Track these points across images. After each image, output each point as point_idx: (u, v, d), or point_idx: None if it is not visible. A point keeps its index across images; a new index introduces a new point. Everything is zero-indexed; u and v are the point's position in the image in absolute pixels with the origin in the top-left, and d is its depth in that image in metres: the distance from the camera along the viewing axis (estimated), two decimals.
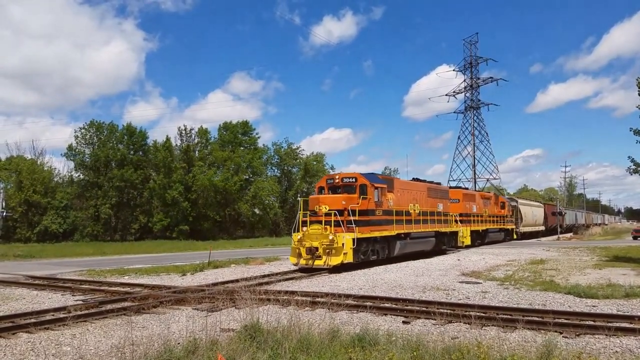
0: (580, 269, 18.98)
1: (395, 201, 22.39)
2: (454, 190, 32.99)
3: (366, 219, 19.90)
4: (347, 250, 18.44)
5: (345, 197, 19.83)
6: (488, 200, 38.55)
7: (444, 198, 28.57)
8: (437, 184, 29.57)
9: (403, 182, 24.87)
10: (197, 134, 69.94)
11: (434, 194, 27.23)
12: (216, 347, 6.72)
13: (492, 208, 38.92)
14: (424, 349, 6.61)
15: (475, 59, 71.78)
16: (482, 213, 36.02)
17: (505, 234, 42.00)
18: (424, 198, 25.79)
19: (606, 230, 68.92)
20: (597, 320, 9.22)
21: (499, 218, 40.39)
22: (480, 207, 35.91)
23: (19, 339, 8.39)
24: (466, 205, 33.02)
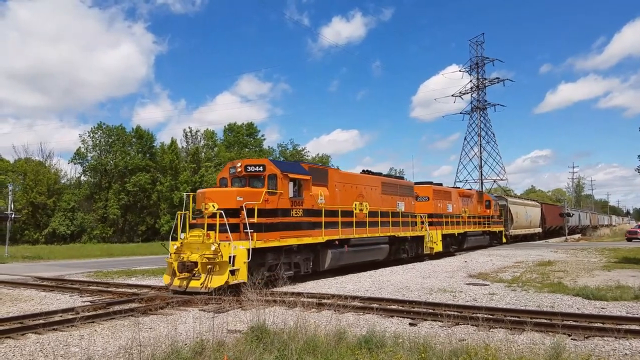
0: (588, 271, 18.86)
1: (329, 198, 17.56)
2: (422, 186, 27.64)
3: (274, 222, 14.74)
4: (239, 265, 13.15)
5: (242, 191, 14.48)
6: (469, 198, 32.85)
7: (406, 195, 23.71)
8: (398, 178, 25.50)
9: (344, 174, 19.72)
10: (203, 136, 70.18)
11: (392, 190, 22.41)
12: (223, 348, 6.74)
13: (474, 207, 33.37)
14: (431, 351, 6.59)
15: (481, 59, 71.53)
16: (461, 213, 30.59)
17: (491, 238, 36.68)
18: (377, 195, 21.00)
19: (615, 232, 68.37)
20: (606, 322, 9.15)
21: (484, 219, 34.79)
22: (458, 206, 30.55)
23: (28, 340, 8.44)
24: (438, 205, 27.64)
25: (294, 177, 15.69)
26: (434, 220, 26.49)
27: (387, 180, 22.84)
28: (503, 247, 37.02)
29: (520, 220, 44.15)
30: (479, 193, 36.09)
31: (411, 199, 24.33)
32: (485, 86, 71.93)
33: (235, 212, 13.87)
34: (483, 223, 34.43)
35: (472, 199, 33.32)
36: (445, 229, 27.44)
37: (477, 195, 35.03)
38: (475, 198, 34.07)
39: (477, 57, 71.59)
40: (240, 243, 13.44)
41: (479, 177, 71.16)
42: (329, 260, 17.19)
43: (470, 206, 32.55)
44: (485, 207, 35.60)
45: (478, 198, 34.82)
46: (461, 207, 31.00)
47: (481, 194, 36.39)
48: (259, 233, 14.06)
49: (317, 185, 17.08)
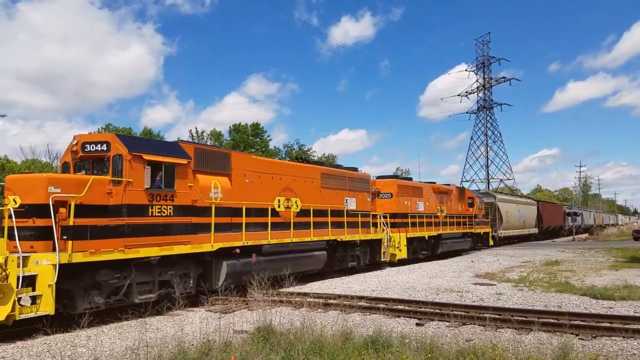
0: (596, 270, 18.76)
1: (232, 192, 13.24)
2: (384, 180, 23.56)
3: (113, 224, 10.21)
4: (42, 289, 8.94)
5: (57, 178, 10.04)
6: (446, 195, 28.19)
7: (359, 190, 19.44)
8: (350, 169, 20.04)
9: (260, 161, 15.51)
10: (209, 137, 70.29)
11: (337, 183, 18.10)
12: (230, 349, 6.75)
13: (453, 206, 28.77)
14: (437, 351, 6.57)
15: (487, 58, 71.38)
16: (436, 213, 26.15)
17: (475, 240, 31.65)
18: (314, 189, 16.77)
19: (622, 231, 67.96)
20: (614, 322, 9.10)
21: (466, 219, 29.99)
22: (433, 204, 26.10)
23: (36, 340, 8.49)
24: (404, 202, 23.19)
25: (153, 159, 11.01)
26: (398, 220, 22.24)
27: (330, 171, 18.31)
28: (510, 247, 36.80)
29: (512, 219, 39.70)
30: (460, 190, 31.19)
31: (366, 194, 20.02)
32: (492, 85, 71.81)
33: (46, 210, 9.28)
34: (464, 224, 29.71)
35: (450, 196, 28.71)
36: (411, 231, 23.00)
37: (458, 192, 30.20)
38: (454, 195, 29.42)
39: (483, 56, 71.51)
40: (45, 256, 9.07)
41: (486, 177, 71.03)
42: (224, 276, 12.60)
43: (448, 204, 28.00)
44: (467, 206, 30.89)
45: (459, 195, 30.12)
46: (436, 205, 26.53)
47: (462, 191, 31.48)
48: (82, 241, 9.53)
49: (210, 174, 12.67)
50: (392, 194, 22.78)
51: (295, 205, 15.75)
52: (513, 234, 40.41)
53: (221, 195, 12.89)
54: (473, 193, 32.76)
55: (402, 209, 22.90)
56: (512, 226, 39.75)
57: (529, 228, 44.79)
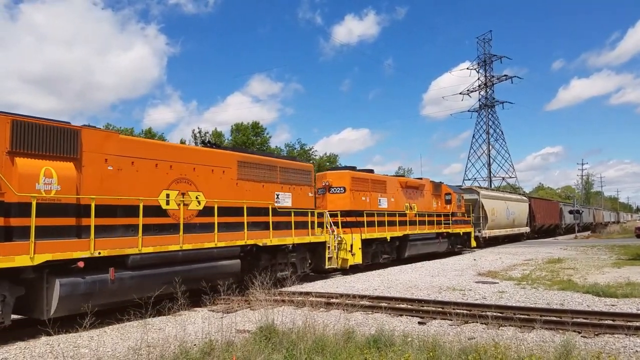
0: (598, 268, 18.72)
1: (78, 182, 9.76)
2: (335, 172, 20.45)
3: None
4: None
5: None
6: (417, 190, 24.67)
7: (295, 184, 15.86)
8: (287, 159, 17.01)
9: (128, 141, 11.62)
10: (211, 137, 70.28)
11: (264, 174, 14.54)
12: (232, 349, 6.75)
13: (425, 202, 25.43)
14: (440, 349, 6.56)
15: (489, 56, 71.31)
16: (404, 210, 22.82)
17: (453, 241, 27.98)
18: (226, 181, 13.26)
19: (624, 228, 67.80)
20: (617, 319, 9.09)
21: (442, 218, 26.24)
22: (400, 200, 22.79)
23: (38, 341, 8.50)
24: (361, 198, 19.94)
25: None
26: (352, 219, 18.98)
27: (252, 159, 14.53)
28: (511, 245, 36.71)
29: (499, 218, 35.96)
30: (435, 184, 27.26)
31: (307, 189, 16.51)
32: (493, 84, 71.75)
33: None
34: (440, 223, 25.94)
35: (422, 191, 25.30)
36: (369, 232, 19.52)
37: (432, 187, 26.56)
38: (427, 190, 25.93)
39: (484, 54, 71.44)
40: None
41: (488, 175, 70.97)
42: (56, 301, 8.93)
43: (419, 201, 24.65)
44: (444, 203, 27.48)
45: (433, 190, 26.56)
46: (404, 201, 23.12)
47: (438, 186, 27.55)
48: None
49: (40, 157, 9.22)
50: (344, 188, 19.33)
51: (195, 201, 12.21)
52: (500, 234, 36.58)
53: (58, 187, 9.24)
54: (451, 188, 28.85)
55: (358, 205, 19.55)
56: (498, 225, 35.93)
57: (519, 227, 41.22)
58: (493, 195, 37.42)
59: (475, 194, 33.66)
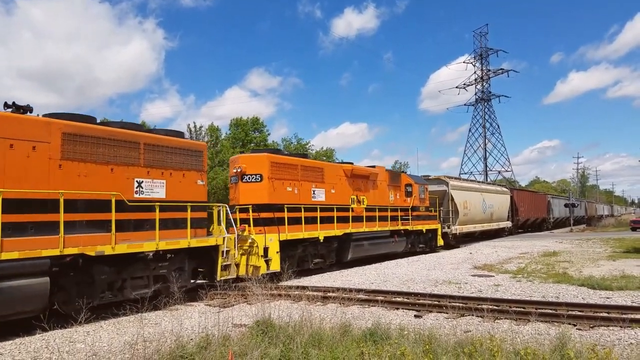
0: (593, 261, 18.81)
1: None
2: (251, 155, 16.45)
3: None
4: None
5: None
6: (367, 180, 20.50)
7: (174, 168, 11.92)
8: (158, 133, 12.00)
9: None
10: (207, 132, 70.03)
11: (107, 154, 10.53)
12: (228, 343, 6.75)
13: (380, 194, 21.29)
14: (436, 342, 6.58)
15: (485, 50, 71.29)
16: (349, 204, 18.79)
17: (413, 240, 23.59)
18: (38, 163, 9.26)
19: (619, 221, 68.13)
20: (612, 312, 9.14)
21: (400, 212, 22.17)
22: (343, 192, 18.75)
23: (34, 337, 8.48)
24: (285, 188, 15.85)
25: None
26: (269, 215, 14.97)
27: (95, 131, 10.37)
28: (508, 239, 36.79)
29: (474, 212, 31.73)
30: (393, 174, 23.40)
31: (195, 175, 12.36)
32: (489, 77, 71.76)
33: None
34: (397, 218, 21.89)
35: (375, 181, 21.10)
36: (291, 231, 15.42)
37: (389, 177, 22.46)
38: (382, 181, 21.73)
39: (481, 48, 71.40)
40: None
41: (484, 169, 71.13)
42: None
43: (371, 192, 20.61)
44: (405, 195, 23.33)
45: (390, 181, 22.43)
46: (350, 193, 19.15)
47: (396, 176, 23.66)
48: None
49: None
50: (261, 175, 15.23)
51: None
52: (475, 230, 32.47)
53: None
54: (413, 178, 24.83)
55: (280, 197, 15.53)
56: (473, 220, 31.74)
57: (498, 221, 36.93)
58: (465, 186, 32.58)
59: (443, 185, 29.26)
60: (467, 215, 30.60)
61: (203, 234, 12.50)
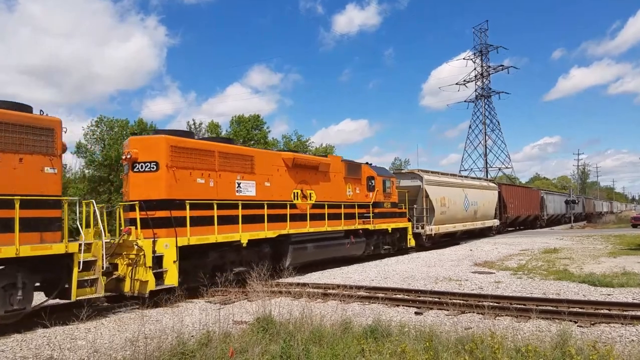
0: (594, 258, 18.81)
1: None
2: (142, 138, 13.29)
3: None
4: None
5: None
6: (317, 171, 17.43)
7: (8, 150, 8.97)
8: None
9: None
10: (207, 129, 70.01)
11: None
12: (229, 340, 6.75)
13: (333, 189, 18.28)
14: (437, 339, 6.58)
15: (485, 46, 71.16)
16: (290, 199, 15.89)
17: (377, 241, 20.76)
18: None
19: (620, 218, 68.09)
20: (613, 308, 9.13)
21: (359, 210, 19.43)
22: (283, 185, 15.72)
23: (35, 333, 8.49)
24: (196, 181, 12.77)
25: None
26: (165, 215, 11.76)
27: None
28: (509, 235, 36.78)
29: (453, 209, 28.31)
30: (351, 165, 19.75)
31: (40, 159, 9.53)
32: (490, 74, 71.66)
33: None
34: (353, 216, 18.99)
35: (327, 173, 17.98)
36: (195, 234, 12.19)
37: (345, 169, 19.18)
38: (337, 172, 18.59)
39: (481, 44, 71.26)
40: None
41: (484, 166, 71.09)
42: None
43: (322, 186, 17.56)
44: (366, 189, 20.35)
45: (347, 173, 19.23)
46: (293, 187, 16.10)
47: (355, 167, 20.06)
48: None
49: None
50: (157, 163, 11.88)
51: None
52: (455, 230, 28.92)
53: None
54: (375, 170, 21.30)
55: (184, 191, 12.17)
56: (453, 218, 28.32)
57: (483, 220, 33.24)
58: (443, 181, 28.85)
59: (417, 180, 25.82)
60: (446, 213, 27.16)
61: (55, 238, 9.44)
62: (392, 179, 22.64)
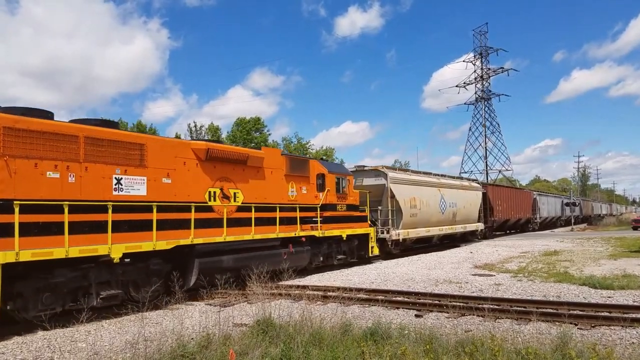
0: (594, 260, 18.80)
1: None
2: None
3: None
4: None
5: None
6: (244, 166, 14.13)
7: None
8: None
9: None
10: (207, 131, 70.06)
11: None
12: (229, 342, 6.75)
13: (269, 187, 15.01)
14: (437, 342, 6.57)
15: (485, 49, 71.24)
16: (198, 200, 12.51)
17: (327, 249, 17.46)
18: None
19: (620, 220, 68.05)
20: (613, 311, 9.13)
21: (304, 213, 16.12)
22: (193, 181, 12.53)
23: (35, 336, 8.49)
24: (48, 175, 9.46)
25: None
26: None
27: None
28: (509, 238, 36.69)
29: (427, 212, 24.85)
30: (294, 160, 16.53)
31: None
32: (489, 76, 71.73)
33: None
34: (294, 221, 15.56)
35: (258, 169, 14.61)
36: (32, 247, 8.82)
37: (287, 164, 15.83)
38: (274, 168, 15.24)
39: (480, 47, 71.35)
40: None
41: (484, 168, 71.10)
42: None
43: (250, 184, 14.25)
44: (317, 189, 17.07)
45: (289, 169, 15.87)
46: (207, 184, 12.92)
47: (300, 163, 16.73)
48: None
49: None
50: None
51: None
52: (430, 234, 25.39)
53: None
54: (326, 166, 18.02)
55: (21, 189, 9.06)
56: (427, 222, 24.90)
57: (465, 223, 29.76)
58: (413, 179, 25.03)
59: (381, 178, 22.40)
60: (417, 215, 23.85)
61: None
62: (349, 178, 19.16)
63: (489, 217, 34.98)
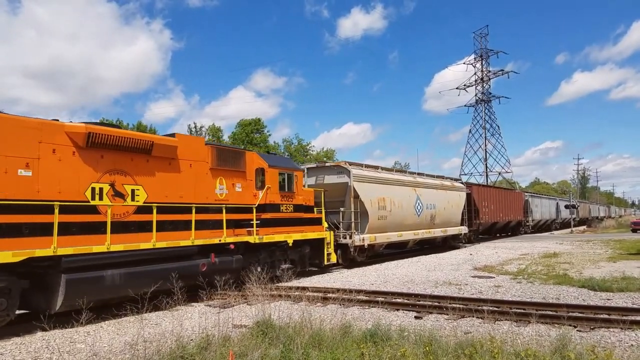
0: (594, 262, 18.79)
1: None
2: None
3: None
4: None
5: None
6: (148, 156, 11.48)
7: None
8: None
9: None
10: (207, 132, 70.03)
11: None
12: (229, 343, 6.75)
13: (188, 183, 12.38)
14: (436, 344, 6.57)
15: (485, 51, 71.31)
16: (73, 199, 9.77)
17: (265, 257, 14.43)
18: None
19: (620, 223, 67.98)
20: (612, 313, 9.13)
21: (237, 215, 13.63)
22: (62, 175, 9.68)
23: (34, 337, 8.48)
24: None
25: None
26: None
27: None
28: (509, 239, 36.67)
29: (399, 214, 22.16)
30: (223, 151, 13.86)
31: None
32: (490, 78, 71.80)
33: None
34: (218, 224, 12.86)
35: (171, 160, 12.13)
36: None
37: (213, 155, 13.30)
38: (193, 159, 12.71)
39: (481, 49, 71.42)
40: None
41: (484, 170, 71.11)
42: None
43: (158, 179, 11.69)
44: (256, 187, 14.65)
45: (217, 161, 13.38)
46: (91, 178, 10.31)
47: (235, 156, 14.17)
48: None
49: None
50: None
51: None
52: (402, 239, 22.62)
53: None
54: (266, 159, 15.15)
55: None
56: (399, 225, 22.10)
57: (445, 226, 26.74)
58: (381, 177, 21.91)
59: (344, 175, 19.74)
60: (387, 218, 21.17)
61: None
62: (297, 173, 16.33)
63: (474, 220, 32.22)
